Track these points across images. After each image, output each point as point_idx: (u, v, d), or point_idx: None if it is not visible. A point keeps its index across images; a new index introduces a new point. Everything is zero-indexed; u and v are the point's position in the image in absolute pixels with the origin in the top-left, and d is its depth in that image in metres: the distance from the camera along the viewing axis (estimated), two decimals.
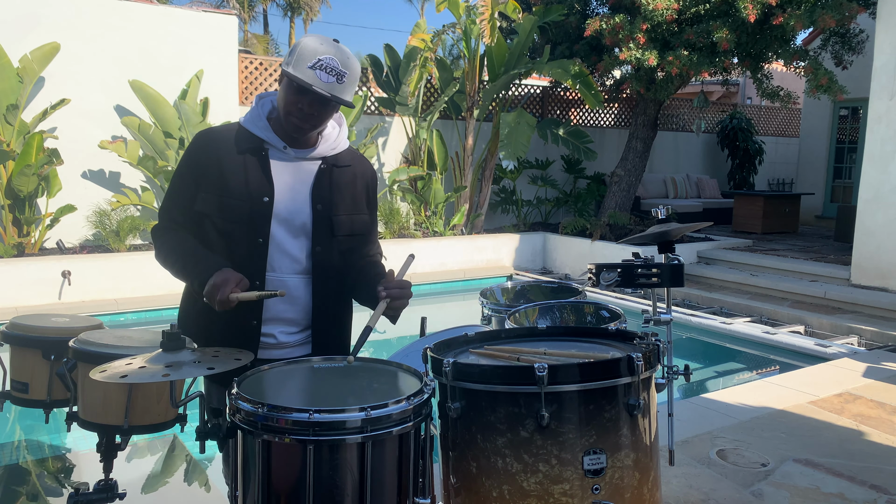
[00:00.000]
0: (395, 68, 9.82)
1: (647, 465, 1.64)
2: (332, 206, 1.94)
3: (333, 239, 1.94)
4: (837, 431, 3.89)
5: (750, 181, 14.31)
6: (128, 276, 7.14)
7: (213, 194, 1.86)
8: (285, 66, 1.80)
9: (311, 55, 1.77)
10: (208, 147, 1.90)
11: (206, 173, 1.87)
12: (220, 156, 1.88)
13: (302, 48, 1.78)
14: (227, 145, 1.89)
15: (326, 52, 1.78)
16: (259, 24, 33.67)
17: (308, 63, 1.77)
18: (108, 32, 8.13)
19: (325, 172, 1.95)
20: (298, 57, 1.78)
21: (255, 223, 1.86)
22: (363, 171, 2.06)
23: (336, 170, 1.97)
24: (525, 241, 9.97)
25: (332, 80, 1.78)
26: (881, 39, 7.32)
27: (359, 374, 1.64)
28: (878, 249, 7.37)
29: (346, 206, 1.97)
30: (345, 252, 1.98)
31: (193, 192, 1.89)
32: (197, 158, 1.89)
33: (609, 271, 2.51)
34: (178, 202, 1.92)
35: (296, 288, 1.92)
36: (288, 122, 1.86)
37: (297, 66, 1.77)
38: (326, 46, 1.79)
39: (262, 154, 1.89)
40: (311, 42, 1.79)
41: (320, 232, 1.92)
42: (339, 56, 1.79)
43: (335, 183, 1.96)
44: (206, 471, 3.44)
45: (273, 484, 1.39)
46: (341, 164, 1.99)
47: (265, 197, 1.86)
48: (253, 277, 1.86)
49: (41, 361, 2.02)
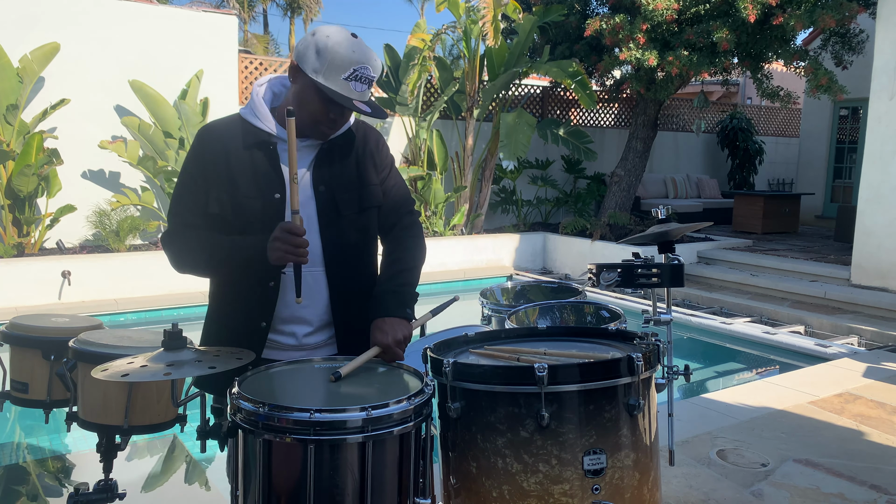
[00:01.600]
0: (394, 68, 9.82)
1: (647, 465, 1.64)
2: (336, 186, 1.83)
3: (341, 218, 1.83)
4: (837, 431, 3.89)
5: (750, 181, 14.31)
6: (128, 276, 7.13)
7: (224, 193, 1.78)
8: (313, 73, 1.69)
9: (344, 64, 1.67)
10: (213, 144, 1.81)
11: (215, 171, 1.79)
12: (227, 151, 1.79)
13: (332, 55, 1.67)
14: (232, 140, 1.80)
15: (359, 61, 1.69)
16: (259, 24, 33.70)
17: (343, 74, 1.67)
18: (108, 32, 8.13)
19: (326, 151, 1.85)
20: (330, 66, 1.67)
21: (268, 220, 1.76)
22: (364, 137, 1.93)
23: (337, 146, 1.87)
24: (525, 241, 9.97)
25: (364, 88, 1.72)
26: (881, 39, 7.32)
27: (359, 373, 1.64)
28: (878, 249, 7.37)
29: (350, 181, 1.86)
30: (360, 229, 1.87)
31: (204, 192, 1.80)
32: (202, 156, 1.81)
33: (609, 271, 2.51)
34: (189, 203, 1.82)
35: (310, 284, 1.81)
36: (315, 130, 1.78)
37: (330, 77, 1.67)
38: (357, 53, 1.69)
39: (269, 148, 1.80)
40: (341, 48, 1.68)
41: (327, 214, 1.82)
42: (370, 61, 1.71)
43: (337, 159, 1.86)
44: (206, 471, 3.44)
45: (274, 483, 1.39)
46: (341, 140, 1.88)
47: (277, 193, 1.78)
48: (269, 277, 1.79)
49: (41, 361, 2.02)
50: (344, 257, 1.85)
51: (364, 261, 1.90)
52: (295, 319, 1.84)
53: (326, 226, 1.82)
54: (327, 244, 1.82)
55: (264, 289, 1.80)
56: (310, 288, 1.81)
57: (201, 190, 1.81)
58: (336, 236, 1.83)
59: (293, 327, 1.84)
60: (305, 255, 1.66)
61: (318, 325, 1.86)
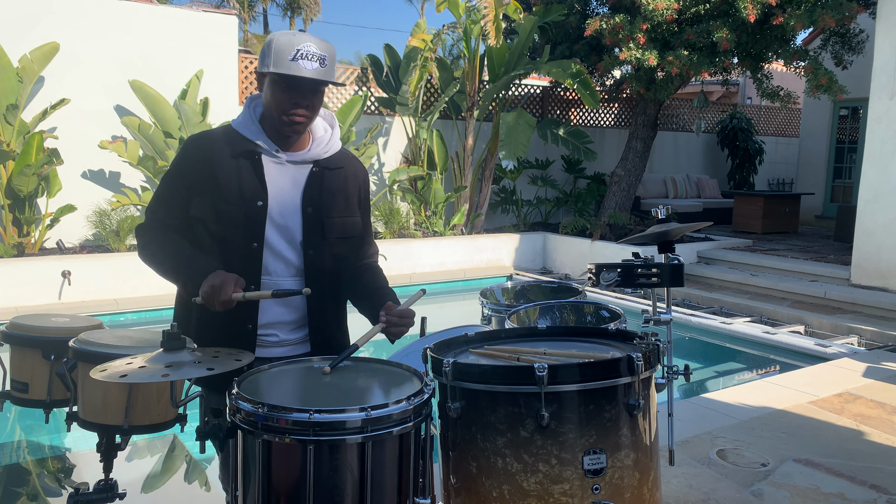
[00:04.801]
0: (395, 68, 9.82)
1: (647, 465, 1.64)
2: (324, 209, 1.93)
3: (325, 242, 1.93)
4: (837, 431, 3.88)
5: (750, 181, 14.31)
6: (128, 276, 7.13)
7: (206, 198, 1.85)
8: (265, 68, 1.80)
9: (288, 48, 1.77)
10: (201, 151, 1.89)
11: (199, 178, 1.86)
12: (213, 160, 1.86)
13: (276, 46, 1.78)
14: (219, 149, 1.88)
15: (302, 42, 1.78)
16: (259, 24, 33.71)
17: (288, 56, 1.76)
18: (108, 32, 8.13)
19: (317, 175, 1.94)
20: (276, 54, 1.77)
21: (249, 227, 1.85)
22: (355, 173, 2.04)
23: (328, 172, 1.96)
24: (525, 241, 9.97)
25: (317, 66, 1.79)
26: (881, 39, 7.32)
27: (359, 374, 1.64)
28: (878, 249, 7.37)
29: (338, 208, 1.96)
30: (338, 255, 1.97)
31: (184, 197, 1.88)
32: (189, 163, 1.89)
33: (609, 271, 2.51)
34: (166, 203, 1.91)
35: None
36: (283, 124, 1.85)
37: (279, 63, 1.77)
38: (298, 37, 1.79)
39: (255, 158, 1.88)
40: (282, 38, 1.79)
41: (312, 235, 1.91)
42: (313, 41, 1.80)
43: (326, 186, 1.95)
44: (206, 471, 3.44)
45: (273, 484, 1.39)
46: (333, 167, 1.97)
47: (259, 201, 1.85)
48: (248, 282, 1.85)
49: (41, 361, 2.02)
50: (324, 273, 1.95)
51: (339, 279, 2.01)
52: (276, 323, 1.94)
53: (310, 244, 1.92)
54: (309, 264, 1.92)
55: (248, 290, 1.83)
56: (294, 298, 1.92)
57: (181, 195, 1.89)
58: (317, 257, 1.93)
59: (275, 329, 1.94)
60: (220, 310, 1.74)
61: (294, 327, 1.97)
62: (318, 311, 1.97)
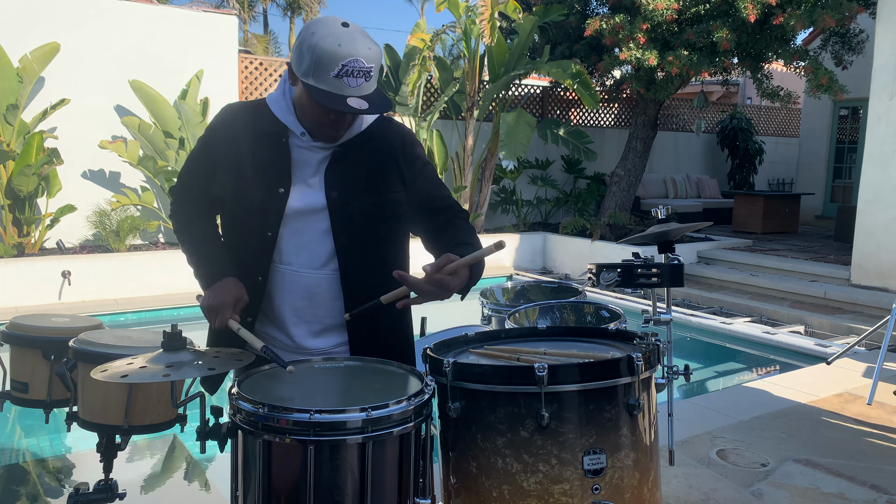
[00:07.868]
0: (394, 68, 9.82)
1: (647, 465, 1.64)
2: (349, 192, 1.74)
3: (355, 227, 1.74)
4: (837, 431, 3.89)
5: (750, 181, 14.31)
6: (128, 276, 7.14)
7: (229, 175, 1.76)
8: (304, 77, 1.60)
9: (332, 61, 1.56)
10: (227, 125, 1.79)
11: (223, 152, 1.77)
12: (237, 136, 1.76)
13: (318, 53, 1.56)
14: (248, 125, 1.76)
15: (348, 55, 1.56)
16: (259, 24, 33.68)
17: (332, 72, 1.56)
18: (108, 32, 8.13)
19: (340, 155, 1.76)
20: (317, 65, 1.57)
21: (265, 215, 1.73)
22: (389, 144, 1.80)
23: (354, 150, 1.76)
24: (525, 241, 9.97)
25: (361, 82, 1.59)
26: (881, 39, 7.32)
27: (359, 374, 1.64)
28: (878, 249, 7.37)
29: (365, 187, 1.75)
30: (378, 241, 1.78)
31: (206, 170, 1.81)
32: (214, 135, 1.80)
33: (609, 271, 2.51)
34: (191, 172, 1.87)
35: (315, 285, 1.76)
36: (320, 133, 1.71)
37: (320, 77, 1.58)
38: (345, 46, 1.56)
39: (282, 141, 1.74)
40: (326, 44, 1.56)
41: (340, 222, 1.74)
42: (361, 52, 1.57)
43: (351, 164, 1.76)
44: (206, 471, 3.45)
45: (273, 484, 1.39)
46: (360, 144, 1.77)
47: (280, 188, 1.72)
48: (258, 271, 1.77)
49: (41, 361, 2.02)
50: (361, 265, 1.77)
51: (383, 269, 1.77)
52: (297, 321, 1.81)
53: (340, 231, 1.74)
54: (342, 251, 1.75)
55: (252, 283, 1.78)
56: (315, 288, 1.77)
57: (204, 168, 1.83)
58: (350, 244, 1.75)
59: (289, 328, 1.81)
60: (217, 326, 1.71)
61: (324, 327, 1.81)
62: (356, 307, 1.76)
